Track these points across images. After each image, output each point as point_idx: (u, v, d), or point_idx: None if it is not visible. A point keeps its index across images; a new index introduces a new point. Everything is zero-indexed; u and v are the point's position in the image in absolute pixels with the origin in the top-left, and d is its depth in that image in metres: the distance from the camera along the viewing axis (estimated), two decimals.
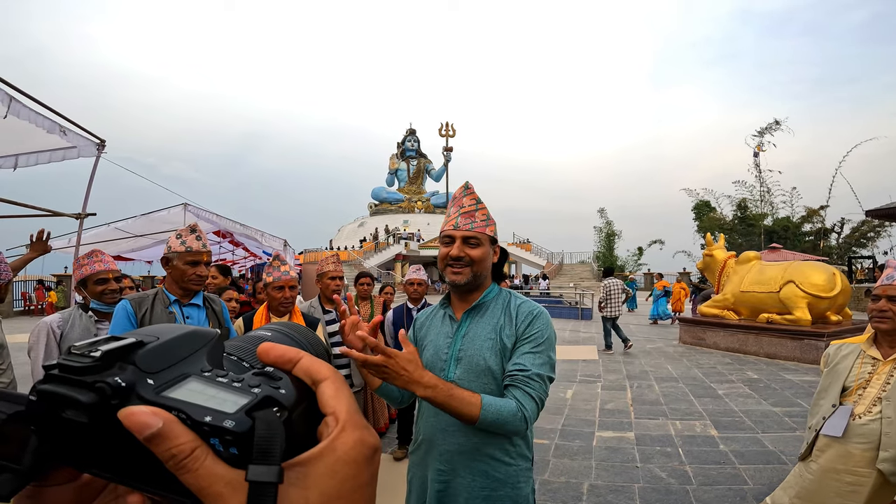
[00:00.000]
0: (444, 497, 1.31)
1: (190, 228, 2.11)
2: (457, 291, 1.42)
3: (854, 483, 1.72)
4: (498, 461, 1.29)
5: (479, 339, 1.33)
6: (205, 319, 2.14)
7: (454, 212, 1.41)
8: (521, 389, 1.22)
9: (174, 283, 2.07)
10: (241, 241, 9.67)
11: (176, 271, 2.03)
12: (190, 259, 2.03)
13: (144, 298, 2.03)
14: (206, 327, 0.30)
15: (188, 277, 2.03)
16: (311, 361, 0.29)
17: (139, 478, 0.26)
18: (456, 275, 1.35)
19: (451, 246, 1.36)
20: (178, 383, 0.26)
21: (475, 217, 1.38)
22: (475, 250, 1.35)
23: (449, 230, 1.38)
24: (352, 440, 0.27)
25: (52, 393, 0.24)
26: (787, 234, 22.90)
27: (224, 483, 0.24)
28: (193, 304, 2.11)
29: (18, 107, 3.52)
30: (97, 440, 0.25)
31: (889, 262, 1.92)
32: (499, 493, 1.28)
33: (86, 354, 0.25)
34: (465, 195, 1.43)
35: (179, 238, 2.06)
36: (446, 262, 1.36)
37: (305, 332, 0.37)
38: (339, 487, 0.26)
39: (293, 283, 2.70)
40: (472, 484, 1.28)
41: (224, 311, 2.27)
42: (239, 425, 0.24)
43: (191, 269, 2.03)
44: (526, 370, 1.24)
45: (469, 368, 1.31)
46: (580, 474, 3.37)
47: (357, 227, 40.29)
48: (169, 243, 2.07)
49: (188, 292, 2.08)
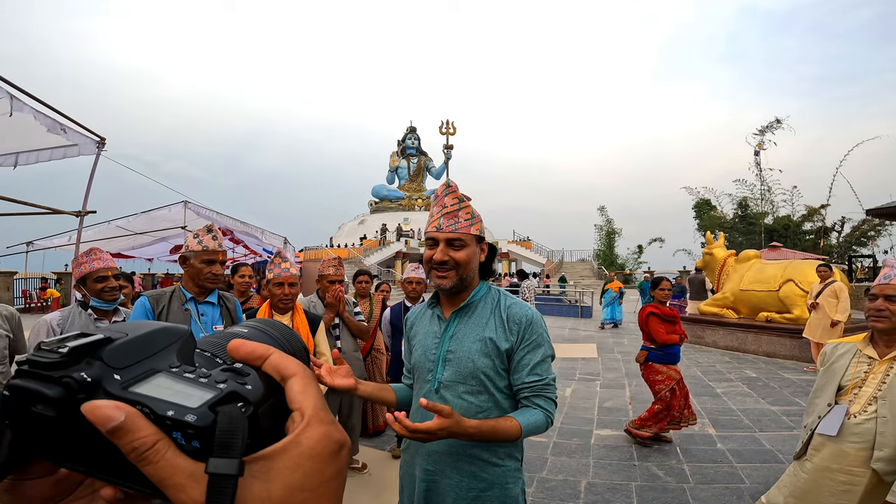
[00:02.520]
0: (431, 496, 1.31)
1: (206, 228, 2.20)
2: (444, 293, 1.40)
3: (848, 482, 1.72)
4: (486, 462, 1.29)
5: (467, 340, 1.32)
6: (219, 317, 2.23)
7: (437, 212, 1.36)
8: (543, 397, 1.31)
9: (191, 281, 2.16)
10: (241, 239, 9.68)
11: (192, 269, 2.12)
12: (206, 258, 2.12)
13: (162, 295, 2.13)
14: (177, 324, 0.30)
15: (204, 276, 2.12)
16: (280, 358, 0.30)
17: (109, 471, 0.26)
18: (441, 279, 1.32)
19: (434, 249, 1.33)
20: (146, 379, 0.27)
21: (458, 217, 1.33)
22: (460, 252, 1.31)
23: (432, 232, 1.34)
24: (317, 435, 0.27)
25: (22, 388, 0.25)
26: (788, 232, 22.89)
27: (185, 475, 0.24)
28: (208, 302, 2.20)
29: (19, 105, 3.53)
30: (67, 434, 0.25)
31: (887, 261, 1.92)
32: (487, 494, 1.28)
33: (54, 350, 0.26)
34: (447, 194, 1.37)
35: (196, 238, 2.15)
36: (430, 265, 1.33)
37: (283, 329, 0.38)
38: (303, 481, 0.26)
39: (293, 280, 2.72)
40: (460, 484, 1.28)
41: (238, 310, 2.35)
42: (201, 419, 0.24)
43: (206, 267, 2.12)
44: (542, 379, 1.30)
45: (457, 370, 1.30)
46: (578, 472, 3.38)
47: (357, 225, 40.29)
48: (186, 243, 2.17)
49: (204, 290, 2.17)
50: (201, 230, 2.20)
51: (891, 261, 1.89)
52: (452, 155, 34.71)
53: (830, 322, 6.20)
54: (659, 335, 3.80)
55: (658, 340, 3.81)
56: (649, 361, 3.90)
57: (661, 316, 3.88)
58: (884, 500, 1.60)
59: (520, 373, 1.30)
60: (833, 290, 6.32)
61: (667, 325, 3.87)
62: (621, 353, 8.25)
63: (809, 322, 6.56)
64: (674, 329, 3.89)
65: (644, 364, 3.94)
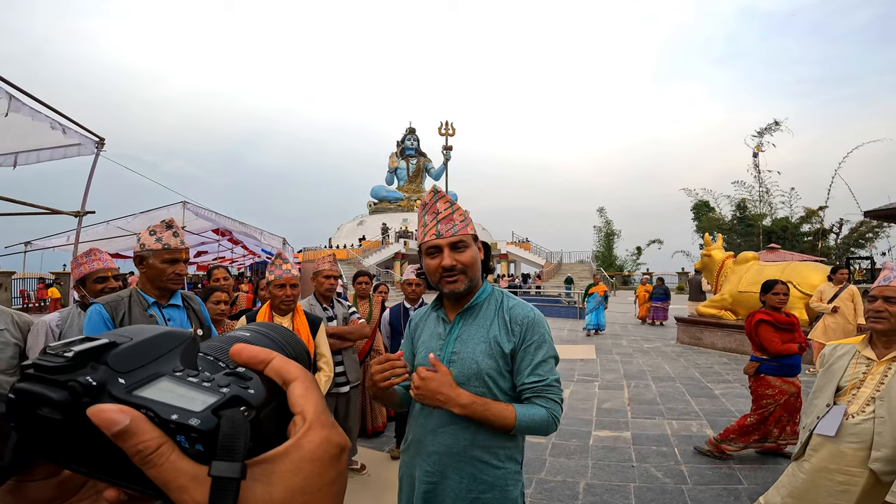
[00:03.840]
0: (431, 498, 1.31)
1: (166, 224, 1.98)
2: (451, 298, 1.39)
3: (845, 482, 1.73)
4: (486, 464, 1.29)
5: (472, 341, 1.33)
6: (186, 321, 2.04)
7: (431, 220, 1.34)
8: (545, 398, 1.30)
9: (149, 283, 1.95)
10: (240, 240, 9.70)
11: (152, 270, 1.92)
12: (168, 257, 1.92)
13: (120, 301, 1.90)
14: (180, 328, 0.30)
15: (167, 276, 1.93)
16: (282, 362, 0.30)
17: (113, 473, 0.27)
18: (452, 284, 1.32)
19: (437, 257, 1.32)
20: (150, 382, 0.27)
21: (454, 220, 1.33)
22: (464, 254, 1.32)
23: (432, 240, 1.33)
24: (318, 439, 0.28)
25: (28, 391, 0.25)
26: (786, 234, 22.95)
27: (188, 477, 0.25)
28: (173, 305, 2.01)
29: (17, 105, 3.53)
30: (72, 437, 0.26)
31: (886, 263, 1.93)
32: (486, 497, 1.28)
33: (60, 354, 0.26)
34: (438, 200, 1.37)
35: (154, 234, 1.94)
36: (440, 274, 1.32)
37: (285, 332, 0.38)
38: (304, 485, 0.26)
39: (294, 282, 2.72)
40: (460, 486, 1.28)
41: (203, 310, 2.19)
42: (204, 423, 0.25)
43: (169, 267, 1.93)
44: (544, 379, 1.30)
45: (462, 371, 1.31)
46: (577, 473, 3.38)
47: (356, 226, 40.29)
48: (142, 240, 1.94)
49: (165, 292, 1.98)
50: (158, 226, 1.96)
51: (890, 263, 1.90)
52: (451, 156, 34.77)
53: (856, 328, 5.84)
54: (773, 345, 3.37)
55: (772, 351, 3.38)
56: (761, 373, 3.47)
57: (775, 324, 3.43)
58: (881, 499, 1.61)
59: (521, 373, 1.30)
60: (850, 293, 6.11)
61: (782, 334, 3.43)
62: (620, 354, 8.26)
63: (824, 325, 6.22)
64: (791, 337, 3.44)
65: (755, 376, 3.51)
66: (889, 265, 1.90)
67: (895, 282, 1.81)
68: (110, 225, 8.03)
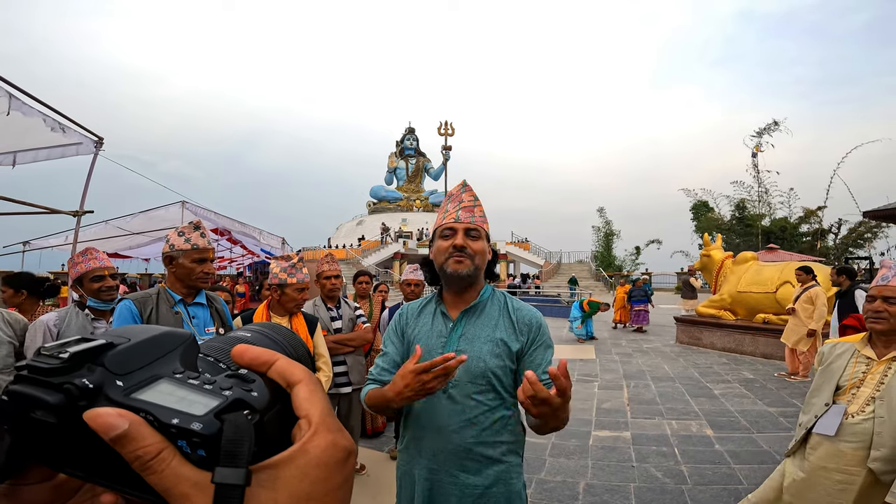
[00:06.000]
0: (435, 495, 1.31)
1: (193, 226, 2.09)
2: (454, 286, 1.39)
3: (844, 482, 1.72)
4: (490, 458, 1.30)
5: (478, 340, 1.34)
6: (209, 319, 2.12)
7: (453, 207, 1.41)
8: None
9: (178, 282, 2.03)
10: (239, 239, 9.66)
11: (182, 269, 2.00)
12: (197, 256, 2.01)
13: (148, 298, 1.99)
14: (179, 329, 0.30)
15: (196, 275, 2.02)
16: (286, 364, 0.30)
17: (111, 477, 0.26)
18: (458, 263, 1.34)
19: (451, 238, 1.37)
20: (149, 385, 0.26)
21: (475, 212, 1.41)
22: (476, 243, 1.37)
23: (450, 223, 1.39)
24: (324, 443, 0.27)
25: (21, 394, 0.24)
26: (785, 234, 22.95)
27: (190, 484, 0.24)
28: (198, 304, 2.09)
29: (17, 104, 3.52)
30: (68, 440, 0.25)
31: (884, 262, 1.92)
32: (491, 491, 1.29)
33: (55, 356, 0.25)
34: (464, 191, 1.45)
35: (182, 235, 2.03)
36: (449, 252, 1.35)
37: (286, 333, 0.38)
38: (310, 490, 0.26)
39: (308, 286, 2.80)
40: (465, 482, 1.29)
41: (225, 309, 2.27)
42: (206, 428, 0.24)
43: (198, 266, 2.02)
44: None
45: (468, 370, 1.31)
46: (576, 473, 3.38)
47: (356, 226, 40.21)
48: (171, 241, 2.03)
49: (192, 290, 2.07)
50: (187, 227, 2.08)
51: (888, 261, 1.89)
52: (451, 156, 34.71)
53: (807, 332, 5.83)
54: None
55: None
56: None
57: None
58: (880, 499, 1.60)
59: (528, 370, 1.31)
60: (809, 296, 5.91)
61: None
62: (619, 354, 8.26)
63: (787, 326, 6.27)
64: None
65: None
66: (887, 263, 1.88)
67: (893, 280, 1.80)
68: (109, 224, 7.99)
